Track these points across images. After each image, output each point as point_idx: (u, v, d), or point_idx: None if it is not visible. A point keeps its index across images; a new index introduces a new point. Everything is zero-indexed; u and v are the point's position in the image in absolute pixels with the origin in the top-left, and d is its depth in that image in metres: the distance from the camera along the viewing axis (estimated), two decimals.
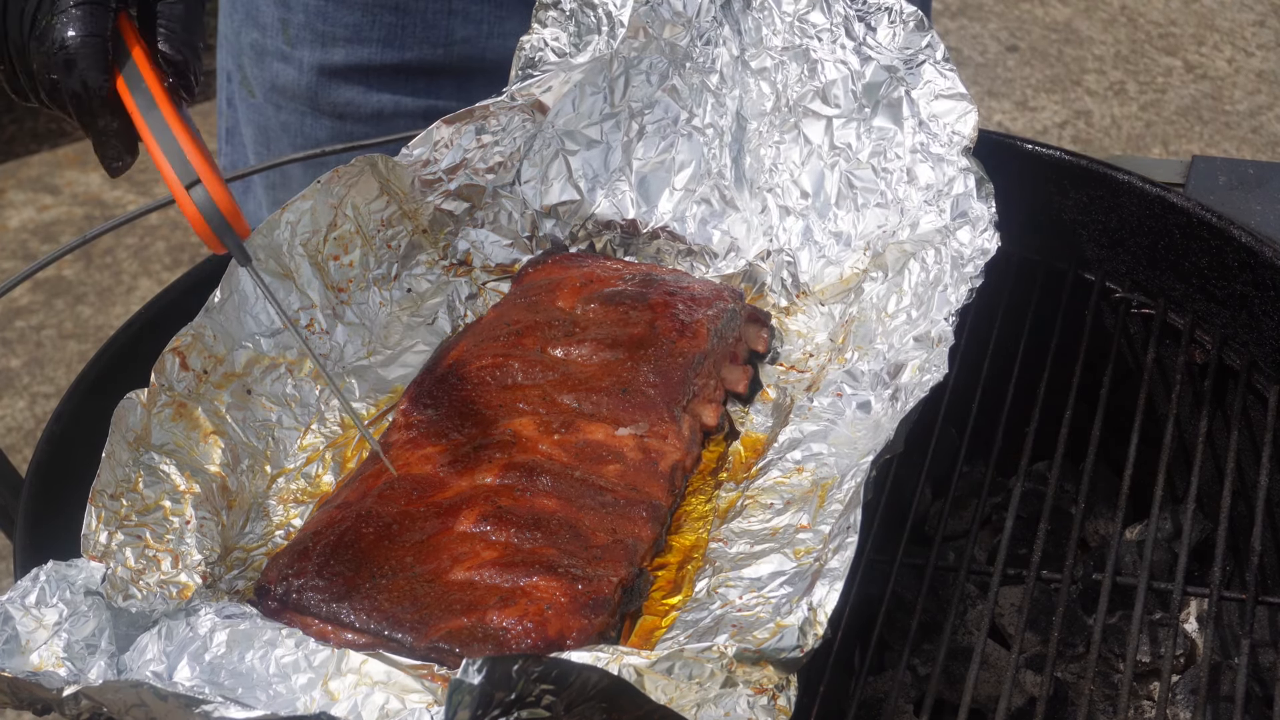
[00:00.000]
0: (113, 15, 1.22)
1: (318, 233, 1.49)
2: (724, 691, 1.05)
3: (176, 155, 1.21)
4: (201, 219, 1.21)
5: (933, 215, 1.50)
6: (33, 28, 1.21)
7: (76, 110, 1.23)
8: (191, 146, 1.21)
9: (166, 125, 1.22)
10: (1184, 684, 1.45)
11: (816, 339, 1.52)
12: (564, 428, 1.36)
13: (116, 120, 1.23)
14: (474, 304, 1.59)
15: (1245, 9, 4.87)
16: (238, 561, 1.30)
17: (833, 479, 1.32)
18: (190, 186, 1.20)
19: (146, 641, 1.10)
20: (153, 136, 1.22)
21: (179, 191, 1.20)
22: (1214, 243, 1.57)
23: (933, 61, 1.53)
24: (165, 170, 1.21)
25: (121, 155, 1.26)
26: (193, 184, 1.20)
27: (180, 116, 1.23)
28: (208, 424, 1.34)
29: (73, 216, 4.14)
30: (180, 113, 1.23)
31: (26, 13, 1.21)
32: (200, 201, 1.20)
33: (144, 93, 1.22)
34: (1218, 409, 1.59)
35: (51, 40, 1.20)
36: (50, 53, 1.20)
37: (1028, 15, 4.88)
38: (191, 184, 1.20)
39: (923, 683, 1.46)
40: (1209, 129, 4.36)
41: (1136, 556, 1.58)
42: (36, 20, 1.21)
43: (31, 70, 1.23)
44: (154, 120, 1.22)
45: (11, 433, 3.48)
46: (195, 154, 1.21)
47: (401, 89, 1.82)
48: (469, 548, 1.24)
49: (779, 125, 1.59)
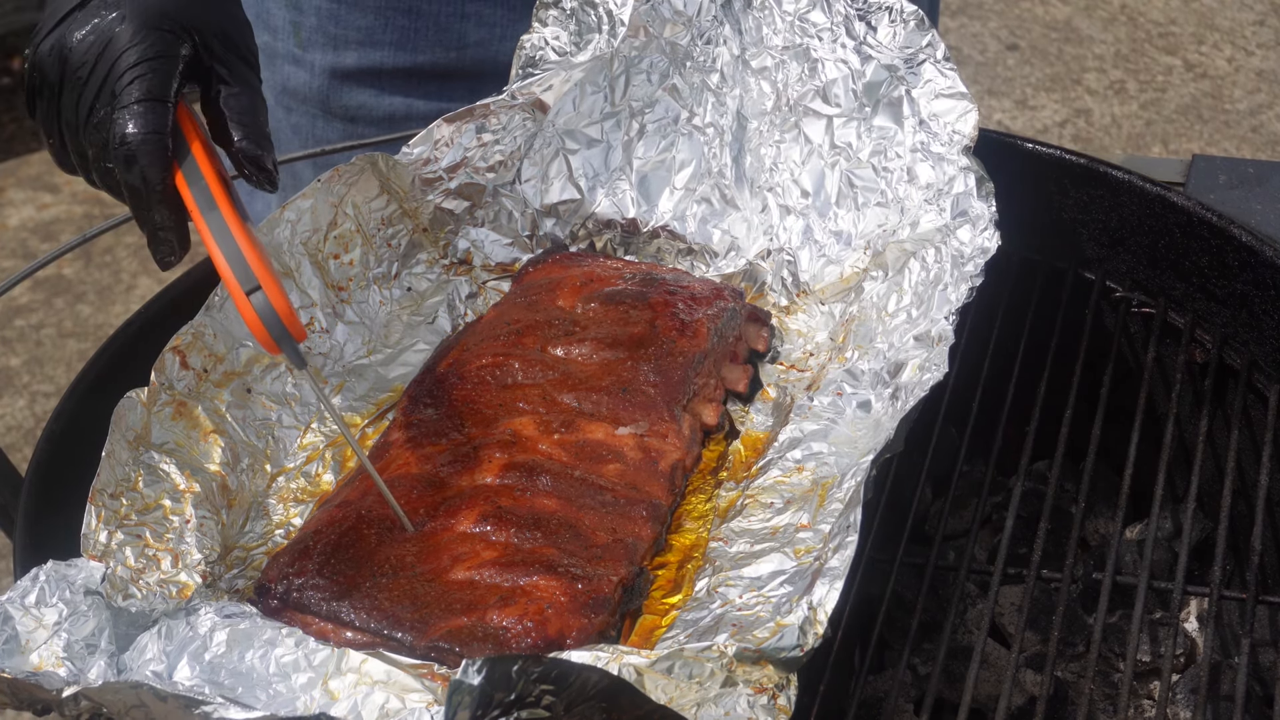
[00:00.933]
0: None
1: (318, 231, 1.49)
2: (724, 691, 1.05)
3: (237, 259, 1.18)
4: (261, 326, 1.18)
5: (933, 214, 1.50)
6: (89, 115, 1.20)
7: (133, 204, 1.21)
8: (251, 250, 1.19)
9: (226, 227, 1.19)
10: (1184, 683, 1.45)
11: (817, 338, 1.52)
12: (564, 427, 1.36)
13: (173, 216, 1.22)
14: (474, 303, 1.59)
15: (1245, 8, 4.87)
16: (238, 560, 1.30)
17: (833, 478, 1.32)
18: (250, 292, 1.18)
19: (146, 641, 1.10)
20: (213, 238, 1.19)
21: (240, 298, 1.18)
22: (1214, 242, 1.57)
23: (933, 60, 1.53)
24: (226, 275, 1.18)
25: (175, 251, 1.24)
26: (253, 290, 1.18)
27: (239, 216, 1.21)
28: (208, 423, 1.34)
29: (72, 215, 4.14)
30: (239, 211, 1.21)
31: (84, 100, 1.20)
32: (260, 308, 1.18)
33: (203, 190, 1.20)
34: (1218, 408, 1.59)
35: (111, 134, 1.18)
36: (110, 146, 1.19)
37: (1028, 14, 4.88)
38: (252, 290, 1.18)
39: (923, 682, 1.46)
40: (1209, 128, 4.36)
41: (1136, 556, 1.58)
42: (94, 109, 1.19)
43: (85, 154, 1.22)
44: (213, 221, 1.19)
45: (11, 432, 3.48)
46: (254, 258, 1.18)
47: (413, 92, 1.82)
48: (469, 547, 1.24)
49: (779, 124, 1.59)
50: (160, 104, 1.19)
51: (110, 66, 1.19)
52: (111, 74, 1.19)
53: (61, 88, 1.21)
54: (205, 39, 1.23)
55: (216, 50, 1.24)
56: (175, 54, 1.21)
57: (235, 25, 1.27)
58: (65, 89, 1.21)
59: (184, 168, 1.21)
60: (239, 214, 1.21)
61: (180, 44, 1.21)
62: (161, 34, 1.20)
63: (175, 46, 1.21)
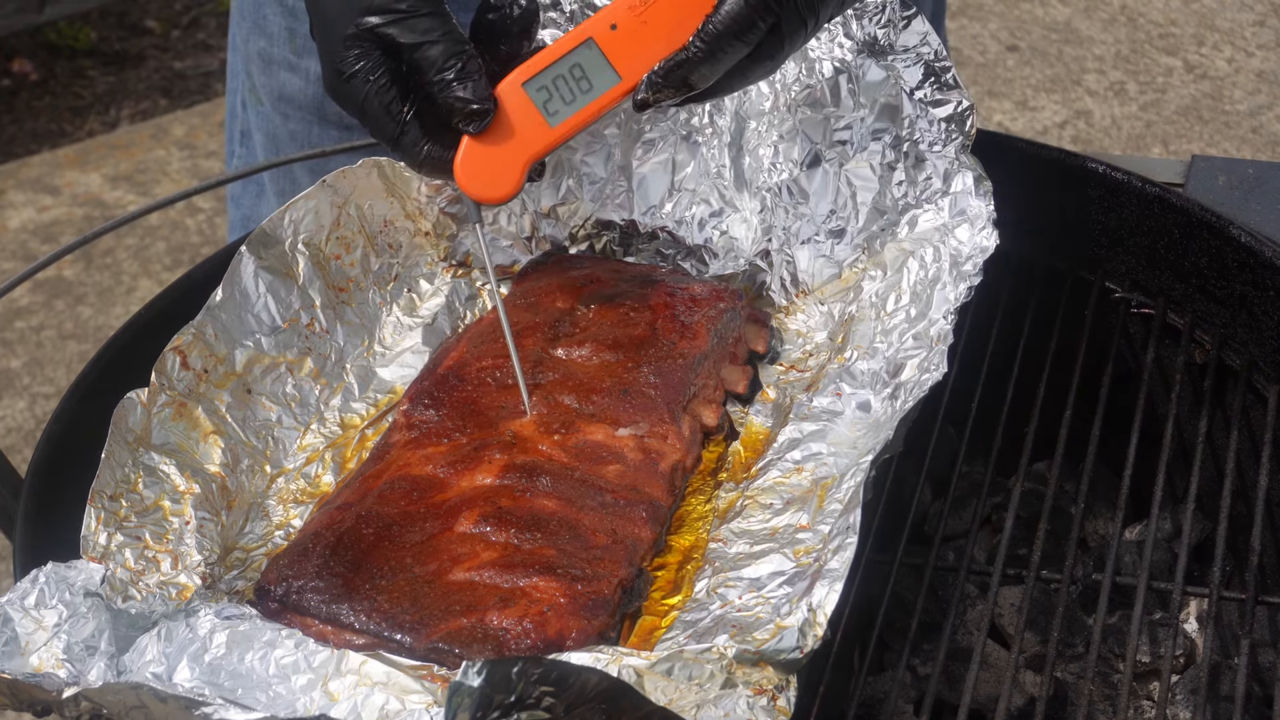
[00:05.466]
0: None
1: (320, 231, 1.49)
2: (724, 692, 1.05)
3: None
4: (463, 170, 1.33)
5: (931, 213, 1.50)
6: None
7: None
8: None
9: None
10: (1184, 684, 1.45)
11: (816, 338, 1.52)
12: (564, 428, 1.36)
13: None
14: (474, 305, 1.59)
15: (1245, 9, 4.87)
16: (237, 562, 1.30)
17: (832, 479, 1.32)
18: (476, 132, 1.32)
19: (146, 643, 1.10)
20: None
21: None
22: (1214, 243, 1.57)
23: (932, 60, 1.53)
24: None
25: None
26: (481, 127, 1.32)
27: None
28: (208, 424, 1.34)
29: (73, 217, 4.14)
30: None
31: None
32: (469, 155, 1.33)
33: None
34: (1218, 409, 1.59)
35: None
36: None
37: (1028, 15, 4.88)
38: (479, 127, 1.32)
39: (922, 683, 1.46)
40: (1209, 129, 4.36)
41: (1136, 556, 1.58)
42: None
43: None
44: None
45: (11, 433, 3.48)
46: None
47: None
48: (469, 548, 1.24)
49: (778, 124, 1.59)
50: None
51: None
52: None
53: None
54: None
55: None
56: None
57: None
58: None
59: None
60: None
61: None
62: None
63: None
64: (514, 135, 1.33)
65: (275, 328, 1.43)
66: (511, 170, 1.33)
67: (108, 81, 4.70)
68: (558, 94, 1.33)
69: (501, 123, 1.32)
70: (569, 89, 1.33)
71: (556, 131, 1.34)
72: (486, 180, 1.33)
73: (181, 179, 4.28)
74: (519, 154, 1.34)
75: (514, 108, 1.33)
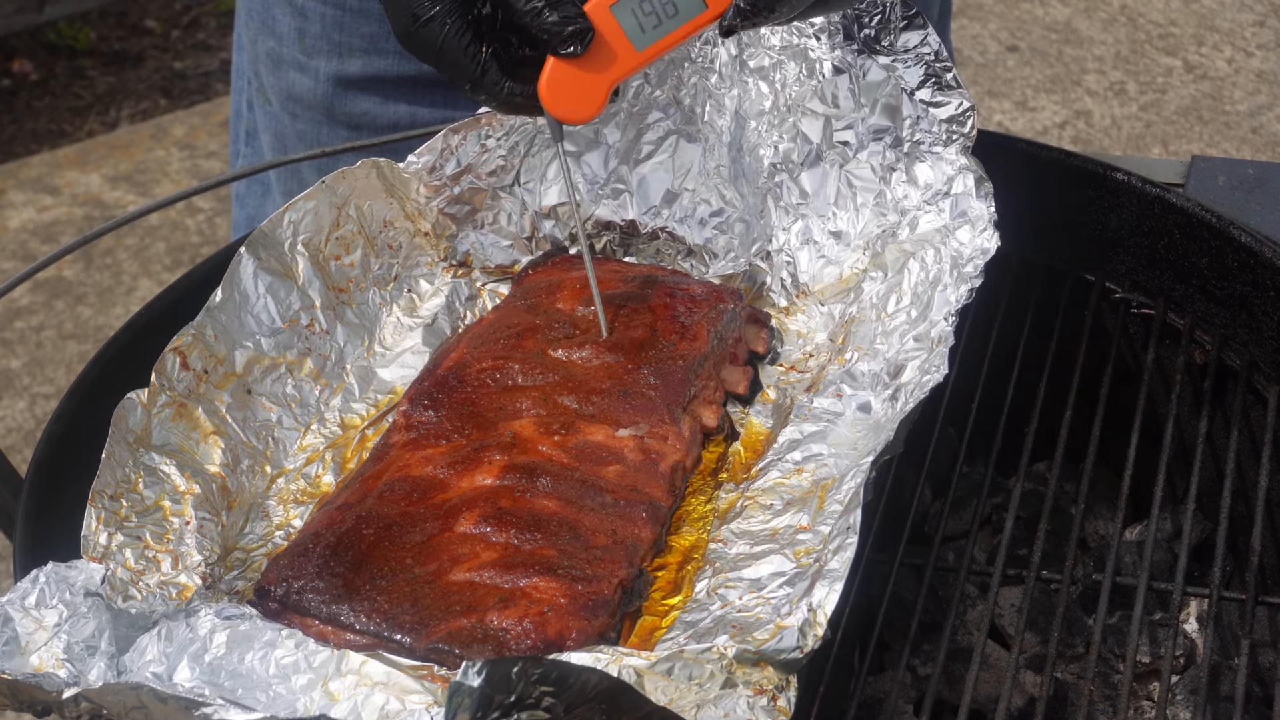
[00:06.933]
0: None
1: (320, 232, 1.49)
2: (724, 692, 1.05)
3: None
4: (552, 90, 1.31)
5: (932, 215, 1.50)
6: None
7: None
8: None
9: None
10: (1184, 684, 1.45)
11: (816, 339, 1.52)
12: (564, 429, 1.36)
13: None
14: (474, 305, 1.59)
15: (1245, 9, 4.87)
16: (237, 562, 1.31)
17: (832, 480, 1.32)
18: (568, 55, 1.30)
19: (146, 643, 1.10)
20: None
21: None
22: (1214, 243, 1.57)
23: (932, 60, 1.53)
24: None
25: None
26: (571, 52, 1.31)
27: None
28: (208, 424, 1.34)
29: (73, 217, 4.14)
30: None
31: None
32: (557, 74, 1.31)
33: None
34: (1218, 409, 1.59)
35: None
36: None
37: (1028, 15, 4.88)
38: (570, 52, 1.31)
39: (923, 683, 1.46)
40: (1209, 129, 4.36)
41: (1136, 557, 1.58)
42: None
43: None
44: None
45: (11, 433, 3.48)
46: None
47: (418, 100, 1.82)
48: (469, 549, 1.24)
49: (778, 125, 1.59)
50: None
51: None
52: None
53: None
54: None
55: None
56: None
57: None
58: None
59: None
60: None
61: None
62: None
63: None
64: (600, 58, 1.32)
65: (275, 328, 1.43)
66: (596, 92, 1.33)
67: (108, 81, 4.70)
68: (645, 18, 1.33)
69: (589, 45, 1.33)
70: (656, 13, 1.33)
71: (642, 55, 1.33)
72: (572, 102, 1.33)
73: (181, 179, 4.28)
74: (605, 77, 1.33)
75: (601, 30, 1.32)
